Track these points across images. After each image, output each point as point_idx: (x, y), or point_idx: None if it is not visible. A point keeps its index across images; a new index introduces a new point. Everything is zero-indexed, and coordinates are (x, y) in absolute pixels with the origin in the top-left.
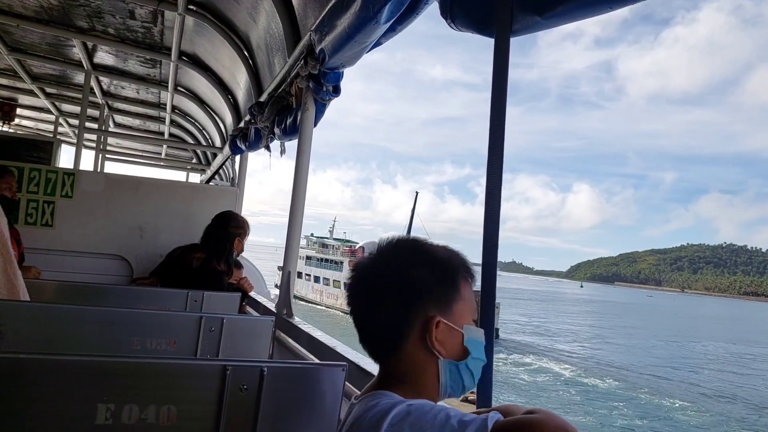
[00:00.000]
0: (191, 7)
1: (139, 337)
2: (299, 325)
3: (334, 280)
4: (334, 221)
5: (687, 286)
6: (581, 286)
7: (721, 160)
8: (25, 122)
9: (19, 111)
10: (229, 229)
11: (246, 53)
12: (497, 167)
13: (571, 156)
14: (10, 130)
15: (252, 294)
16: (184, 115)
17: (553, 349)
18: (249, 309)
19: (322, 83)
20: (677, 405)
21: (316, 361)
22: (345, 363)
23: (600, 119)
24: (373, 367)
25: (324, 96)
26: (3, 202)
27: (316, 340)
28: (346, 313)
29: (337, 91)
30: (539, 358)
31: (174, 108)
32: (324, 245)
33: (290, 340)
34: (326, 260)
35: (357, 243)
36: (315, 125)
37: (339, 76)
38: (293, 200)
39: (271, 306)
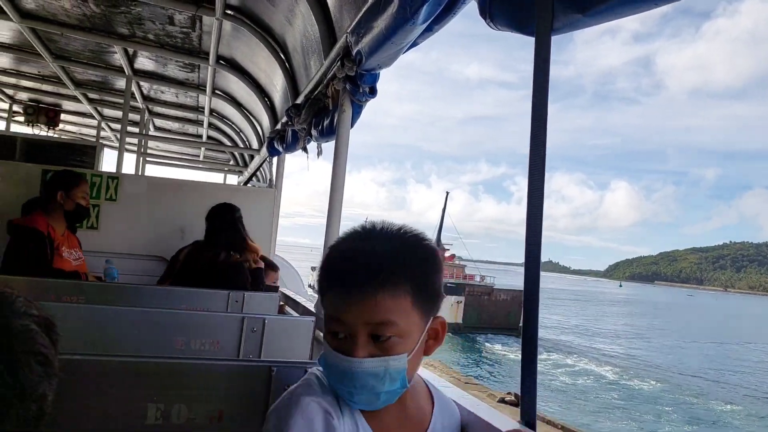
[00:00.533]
0: (228, 11)
1: (184, 337)
2: None
3: None
4: (366, 222)
5: (730, 285)
6: (620, 286)
7: (766, 155)
8: (68, 127)
9: (63, 116)
10: (237, 216)
11: (282, 56)
12: (539, 167)
13: (608, 153)
14: (55, 135)
15: (291, 294)
16: (222, 117)
17: (592, 349)
18: (288, 309)
19: (359, 85)
20: (727, 409)
21: None
22: None
23: (638, 115)
24: None
25: (361, 97)
26: (79, 210)
27: None
28: None
29: (373, 92)
30: (579, 359)
31: (212, 111)
32: None
33: None
34: None
35: None
36: (352, 126)
37: (375, 78)
38: (331, 201)
39: (310, 306)
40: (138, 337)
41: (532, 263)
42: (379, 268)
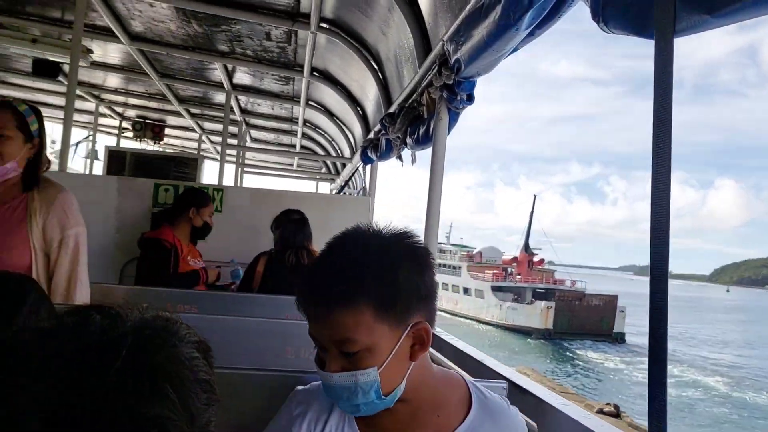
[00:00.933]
0: (323, 24)
1: (293, 346)
2: (440, 335)
3: (452, 285)
4: (451, 227)
5: None
6: (727, 291)
7: None
8: (172, 141)
9: (167, 131)
10: (305, 218)
11: (375, 66)
12: (664, 177)
13: (711, 150)
14: (159, 149)
15: None
16: (315, 127)
17: (699, 357)
18: None
19: (456, 92)
20: None
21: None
22: (504, 381)
23: (744, 109)
24: (534, 387)
25: (458, 105)
26: (204, 227)
27: (462, 353)
28: (467, 318)
29: (471, 99)
30: (685, 368)
31: (305, 121)
32: (441, 251)
33: (433, 351)
34: (444, 265)
35: (474, 248)
36: (448, 134)
37: (473, 85)
38: (429, 207)
39: None
40: (251, 347)
41: (659, 277)
42: (332, 286)
